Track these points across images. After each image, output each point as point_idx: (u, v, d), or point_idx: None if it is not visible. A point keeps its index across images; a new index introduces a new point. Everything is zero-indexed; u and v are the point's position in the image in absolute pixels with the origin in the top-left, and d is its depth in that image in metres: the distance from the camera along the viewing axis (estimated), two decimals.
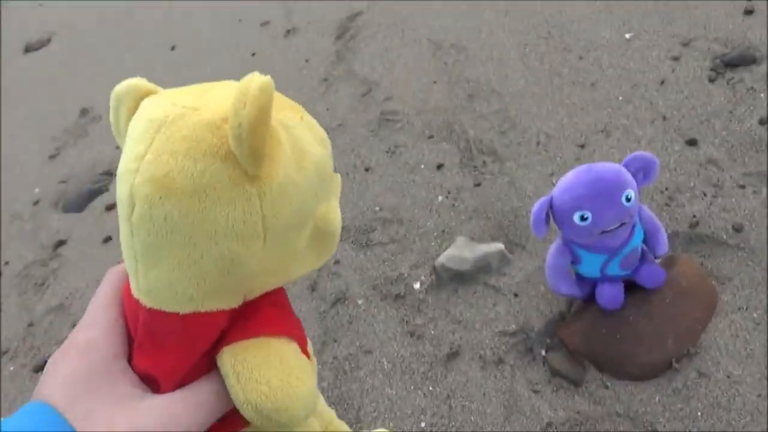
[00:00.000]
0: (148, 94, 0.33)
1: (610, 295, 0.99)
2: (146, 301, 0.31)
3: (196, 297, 0.30)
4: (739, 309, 1.01)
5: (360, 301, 1.24)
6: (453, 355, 1.10)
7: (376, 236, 1.33)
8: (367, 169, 1.47)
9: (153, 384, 0.32)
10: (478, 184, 1.34)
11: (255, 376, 0.31)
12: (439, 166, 1.41)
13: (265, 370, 0.31)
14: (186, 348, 0.31)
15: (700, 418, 0.91)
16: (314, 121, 0.35)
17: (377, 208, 1.38)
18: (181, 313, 0.31)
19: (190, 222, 0.28)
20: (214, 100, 0.30)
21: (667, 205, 1.13)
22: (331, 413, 0.47)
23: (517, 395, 1.02)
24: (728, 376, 0.94)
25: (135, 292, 0.32)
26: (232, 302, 0.32)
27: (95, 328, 0.33)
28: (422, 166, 1.42)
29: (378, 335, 1.17)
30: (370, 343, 1.17)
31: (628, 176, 0.92)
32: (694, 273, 1.04)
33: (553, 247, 1.01)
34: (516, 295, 1.15)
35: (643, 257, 1.01)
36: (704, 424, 0.91)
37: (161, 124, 0.29)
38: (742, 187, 1.13)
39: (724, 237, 1.09)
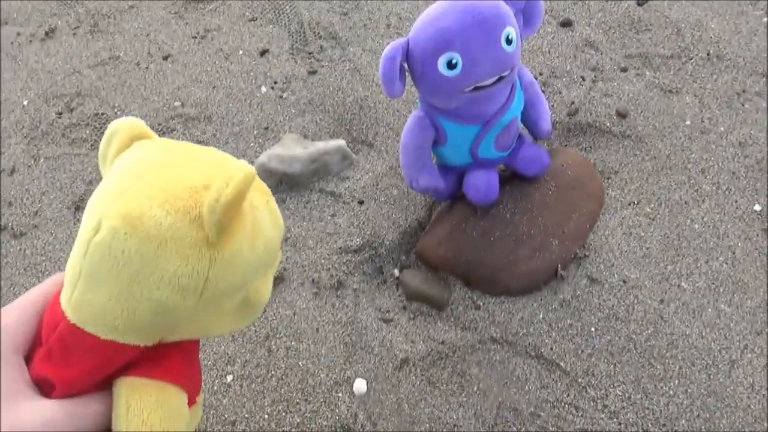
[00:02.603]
0: (142, 136, 0.36)
1: (483, 182, 0.74)
2: (72, 317, 0.33)
3: (121, 329, 0.33)
4: (630, 204, 0.82)
5: None
6: (276, 280, 0.79)
7: (175, 138, 0.97)
8: (166, 58, 1.09)
9: (46, 388, 0.34)
10: (313, 72, 1.03)
11: (144, 416, 0.33)
12: (263, 53, 1.07)
13: (155, 415, 0.33)
14: (93, 368, 0.33)
15: (595, 335, 0.70)
16: (276, 207, 0.39)
17: (177, 103, 1.02)
18: (101, 338, 0.33)
19: (143, 263, 0.31)
20: (201, 166, 0.34)
21: (541, 91, 0.91)
22: None
23: (363, 327, 0.74)
24: (624, 281, 0.74)
25: (64, 304, 0.34)
26: (149, 341, 0.34)
27: (11, 316, 0.35)
28: (240, 53, 1.08)
29: None
30: None
31: (509, 12, 0.67)
32: (579, 162, 0.83)
33: (411, 121, 0.73)
34: (361, 202, 0.86)
35: (520, 140, 0.78)
36: (600, 341, 0.70)
37: (149, 169, 0.33)
38: (624, 70, 0.95)
39: (608, 125, 0.90)
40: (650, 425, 0.63)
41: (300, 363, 0.71)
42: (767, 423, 0.62)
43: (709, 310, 0.71)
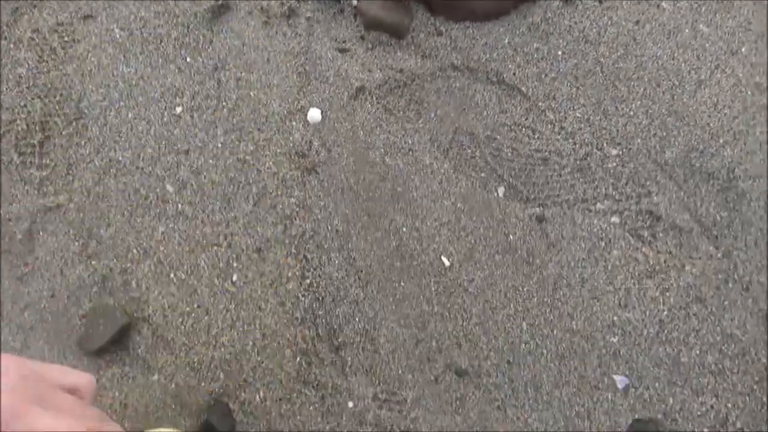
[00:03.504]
0: None
1: None
2: None
3: None
4: None
5: None
6: (222, 9, 0.72)
7: None
8: None
9: None
10: None
11: None
12: None
13: None
14: None
15: (561, 58, 0.66)
16: None
17: None
18: None
19: None
20: None
21: None
22: None
23: (317, 57, 0.69)
24: (600, 1, 0.68)
25: None
26: None
27: None
28: None
29: None
30: (92, 5, 0.74)
31: None
32: None
33: None
34: None
35: None
36: (566, 64, 0.66)
37: None
38: None
39: None
40: (605, 144, 0.63)
41: (251, 93, 0.68)
42: (722, 139, 0.61)
43: (686, 30, 0.66)
